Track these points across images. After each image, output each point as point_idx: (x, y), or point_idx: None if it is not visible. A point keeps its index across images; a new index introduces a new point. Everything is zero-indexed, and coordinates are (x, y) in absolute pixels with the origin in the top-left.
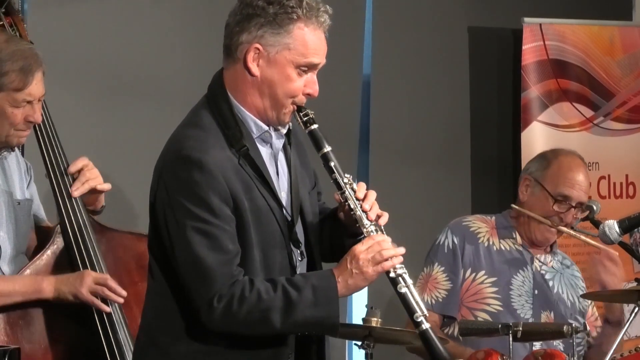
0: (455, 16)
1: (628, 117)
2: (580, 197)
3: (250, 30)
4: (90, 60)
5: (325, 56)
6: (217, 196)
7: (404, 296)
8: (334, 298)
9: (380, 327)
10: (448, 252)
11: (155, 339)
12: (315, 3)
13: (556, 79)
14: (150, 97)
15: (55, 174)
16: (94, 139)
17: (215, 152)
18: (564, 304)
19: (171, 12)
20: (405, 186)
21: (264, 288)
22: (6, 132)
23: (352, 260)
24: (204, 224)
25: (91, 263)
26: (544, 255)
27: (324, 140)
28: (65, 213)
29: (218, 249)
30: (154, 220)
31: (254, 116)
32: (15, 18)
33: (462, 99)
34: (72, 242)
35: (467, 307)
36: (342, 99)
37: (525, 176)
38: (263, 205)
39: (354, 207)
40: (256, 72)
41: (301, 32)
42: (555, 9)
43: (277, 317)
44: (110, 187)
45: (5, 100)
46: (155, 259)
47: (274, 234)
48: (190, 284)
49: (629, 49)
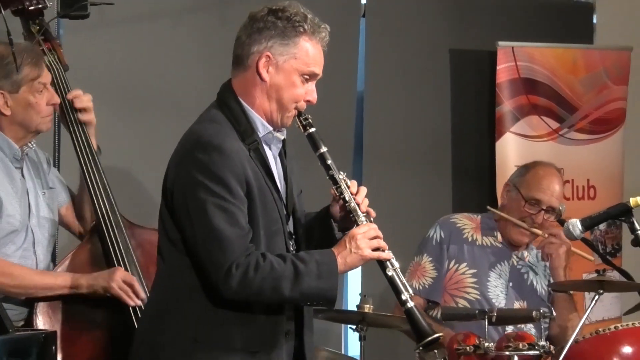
0: (438, 40)
1: (589, 129)
2: (551, 202)
3: (261, 41)
4: (117, 77)
5: (325, 74)
6: (234, 178)
7: (392, 278)
8: (334, 272)
9: (372, 313)
10: (435, 245)
11: (161, 314)
12: (317, 21)
13: (526, 95)
14: (168, 109)
15: (92, 180)
16: (121, 145)
17: (231, 141)
18: (537, 294)
19: (187, 36)
20: (394, 188)
21: (275, 260)
22: (36, 121)
23: (350, 240)
24: (223, 201)
25: (124, 257)
26: (521, 251)
27: (321, 141)
28: (101, 214)
29: (235, 223)
30: (171, 204)
31: (261, 117)
32: (54, 43)
33: (444, 112)
34: (108, 238)
35: (449, 293)
36: (338, 111)
37: (506, 183)
38: (268, 195)
39: (349, 199)
40: (266, 77)
41: (306, 44)
42: (526, 33)
43: (287, 286)
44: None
45: (28, 92)
46: (170, 242)
47: (276, 221)
48: (208, 255)
49: (590, 69)
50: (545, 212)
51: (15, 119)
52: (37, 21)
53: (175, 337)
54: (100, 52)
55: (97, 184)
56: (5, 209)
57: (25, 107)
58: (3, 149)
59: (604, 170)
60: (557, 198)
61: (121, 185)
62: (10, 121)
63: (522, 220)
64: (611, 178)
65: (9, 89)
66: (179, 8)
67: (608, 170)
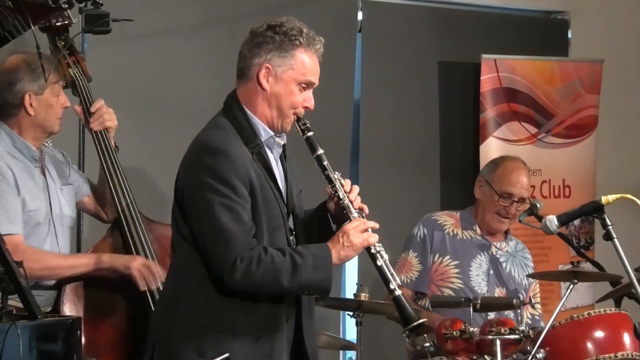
0: (427, 53)
1: (565, 134)
2: (521, 193)
3: (261, 54)
4: (136, 86)
5: (324, 84)
6: (238, 179)
7: (381, 268)
8: (329, 265)
9: (368, 301)
10: (420, 241)
11: (174, 303)
12: (313, 34)
13: (507, 103)
14: (181, 116)
15: (112, 180)
16: (138, 148)
17: (236, 146)
18: (514, 281)
19: (199, 50)
20: (387, 188)
21: (275, 254)
22: (53, 121)
23: (343, 235)
24: (228, 200)
25: (142, 249)
26: (500, 242)
27: (317, 144)
28: (121, 210)
29: (239, 220)
30: (181, 203)
31: (263, 123)
32: (78, 57)
33: (432, 118)
34: (127, 232)
35: (435, 284)
36: (337, 118)
37: (479, 178)
38: (270, 194)
39: (343, 196)
40: (266, 87)
41: (302, 55)
42: (507, 47)
43: (286, 277)
44: (115, 124)
45: (50, 94)
46: (182, 237)
47: (278, 218)
48: (215, 250)
49: (566, 79)
50: (517, 202)
51: (36, 120)
52: (63, 37)
53: (187, 323)
54: (121, 64)
55: (118, 183)
56: (28, 205)
57: (47, 109)
58: (22, 151)
59: (578, 172)
60: (526, 189)
61: (139, 184)
62: (32, 122)
63: (497, 212)
64: (585, 178)
65: (35, 90)
66: (192, 25)
67: (582, 171)
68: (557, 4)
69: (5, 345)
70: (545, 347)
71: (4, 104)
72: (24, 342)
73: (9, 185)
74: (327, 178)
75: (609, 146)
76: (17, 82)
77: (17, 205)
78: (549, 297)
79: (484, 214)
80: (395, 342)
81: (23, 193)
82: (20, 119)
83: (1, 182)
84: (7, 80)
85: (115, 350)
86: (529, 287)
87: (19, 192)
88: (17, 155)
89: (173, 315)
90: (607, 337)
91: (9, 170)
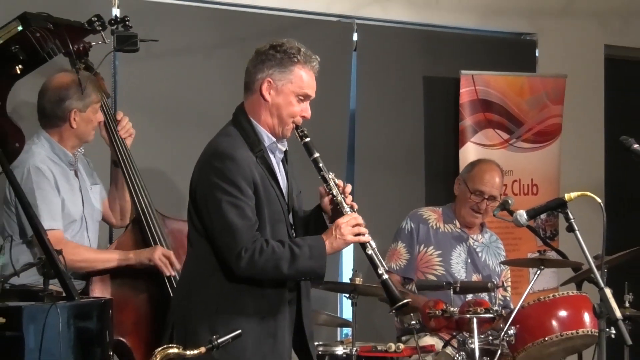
0: (414, 69)
1: (533, 139)
2: (492, 192)
3: (264, 70)
4: (159, 98)
5: (324, 96)
6: (244, 180)
7: (371, 256)
8: (323, 254)
9: (362, 285)
10: (407, 234)
11: (190, 289)
12: (309, 53)
13: (483, 112)
14: (197, 125)
15: (132, 182)
16: (159, 152)
17: (241, 151)
18: (489, 268)
19: (215, 68)
20: (379, 186)
21: (276, 245)
22: (89, 133)
23: (336, 228)
24: (235, 199)
25: (160, 241)
26: (476, 234)
27: (314, 148)
28: (141, 208)
29: (244, 216)
30: (195, 201)
31: (266, 130)
32: (98, 77)
33: (418, 126)
34: (147, 227)
35: (421, 271)
36: (335, 126)
37: (458, 178)
38: (272, 193)
39: (336, 194)
40: (268, 98)
41: (300, 71)
42: (483, 64)
43: (285, 265)
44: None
45: (91, 112)
46: (196, 231)
47: (279, 213)
48: (223, 243)
49: (534, 92)
50: (488, 200)
51: (76, 132)
52: (83, 60)
53: (201, 306)
54: (147, 78)
55: (137, 185)
56: (66, 204)
57: (87, 123)
58: (60, 156)
59: (545, 172)
60: (497, 189)
61: (158, 184)
62: (72, 133)
63: (470, 208)
64: (550, 178)
65: (80, 108)
66: (209, 45)
67: (547, 172)
68: (526, 27)
69: (46, 323)
70: (516, 325)
71: (52, 115)
72: (62, 320)
73: (50, 186)
74: (322, 178)
75: (571, 150)
76: (67, 99)
77: (57, 204)
78: (519, 281)
79: (460, 209)
80: (386, 320)
81: (62, 193)
82: (63, 130)
83: (44, 183)
84: (58, 97)
85: (138, 330)
86: (501, 273)
87: (59, 192)
88: (56, 160)
89: (189, 299)
90: (569, 316)
91: (51, 173)
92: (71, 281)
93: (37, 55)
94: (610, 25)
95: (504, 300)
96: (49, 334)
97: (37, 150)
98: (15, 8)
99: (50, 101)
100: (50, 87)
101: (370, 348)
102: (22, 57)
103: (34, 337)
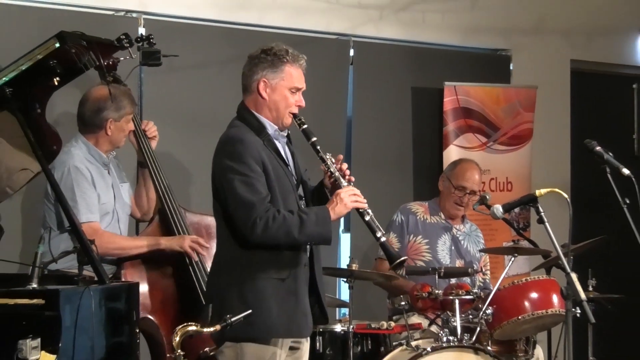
0: (403, 81)
1: (508, 142)
2: (473, 187)
3: (258, 72)
4: (180, 106)
5: (323, 104)
6: (253, 159)
7: (369, 222)
8: (328, 220)
9: (358, 270)
10: (398, 225)
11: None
12: (296, 53)
13: (464, 119)
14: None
15: (157, 179)
16: (181, 154)
17: (249, 135)
18: (470, 254)
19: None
20: (373, 184)
21: (287, 214)
22: (121, 140)
23: (336, 197)
24: (245, 177)
25: (182, 231)
26: (459, 225)
27: (312, 133)
28: (165, 202)
29: (255, 191)
30: (215, 185)
31: (268, 121)
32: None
33: (407, 131)
34: (171, 219)
35: (410, 258)
36: (333, 131)
37: (442, 175)
38: (280, 170)
39: (334, 170)
40: (265, 96)
41: (290, 69)
42: (464, 76)
43: (295, 231)
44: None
45: (125, 122)
46: (220, 214)
47: (288, 187)
48: (238, 217)
49: (509, 101)
50: (469, 194)
51: (110, 138)
52: (112, 74)
53: (231, 276)
54: (169, 89)
55: (162, 182)
56: (101, 199)
57: (120, 131)
58: (95, 157)
59: (518, 171)
60: (477, 184)
61: (180, 182)
62: (107, 139)
63: (454, 202)
64: (522, 176)
65: (115, 118)
66: (223, 60)
67: (520, 171)
68: (502, 43)
69: (81, 304)
70: (493, 305)
71: (90, 123)
72: (95, 302)
73: (88, 182)
74: (320, 159)
75: (541, 152)
76: (105, 109)
77: (94, 199)
78: (495, 267)
79: (445, 203)
80: (379, 302)
81: (98, 189)
82: (99, 136)
83: (83, 180)
84: (97, 107)
85: (164, 309)
86: (481, 259)
87: (95, 188)
88: (92, 160)
89: (220, 276)
90: (540, 298)
91: (88, 172)
92: (102, 267)
93: (73, 68)
94: (576, 42)
95: (483, 283)
96: (83, 313)
97: (76, 152)
98: (53, 27)
99: (90, 110)
100: (90, 98)
101: (365, 326)
102: (59, 70)
103: (70, 316)
